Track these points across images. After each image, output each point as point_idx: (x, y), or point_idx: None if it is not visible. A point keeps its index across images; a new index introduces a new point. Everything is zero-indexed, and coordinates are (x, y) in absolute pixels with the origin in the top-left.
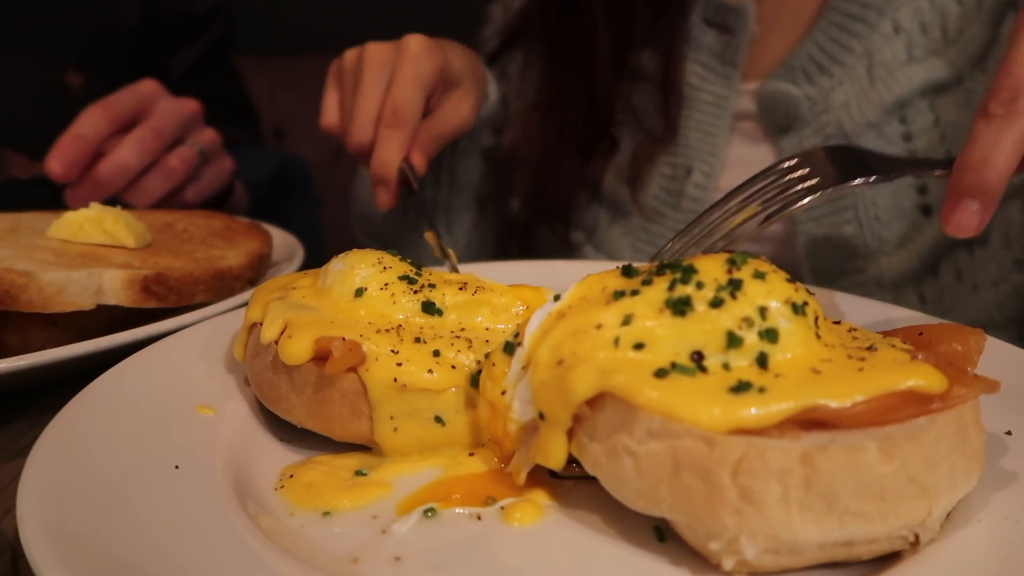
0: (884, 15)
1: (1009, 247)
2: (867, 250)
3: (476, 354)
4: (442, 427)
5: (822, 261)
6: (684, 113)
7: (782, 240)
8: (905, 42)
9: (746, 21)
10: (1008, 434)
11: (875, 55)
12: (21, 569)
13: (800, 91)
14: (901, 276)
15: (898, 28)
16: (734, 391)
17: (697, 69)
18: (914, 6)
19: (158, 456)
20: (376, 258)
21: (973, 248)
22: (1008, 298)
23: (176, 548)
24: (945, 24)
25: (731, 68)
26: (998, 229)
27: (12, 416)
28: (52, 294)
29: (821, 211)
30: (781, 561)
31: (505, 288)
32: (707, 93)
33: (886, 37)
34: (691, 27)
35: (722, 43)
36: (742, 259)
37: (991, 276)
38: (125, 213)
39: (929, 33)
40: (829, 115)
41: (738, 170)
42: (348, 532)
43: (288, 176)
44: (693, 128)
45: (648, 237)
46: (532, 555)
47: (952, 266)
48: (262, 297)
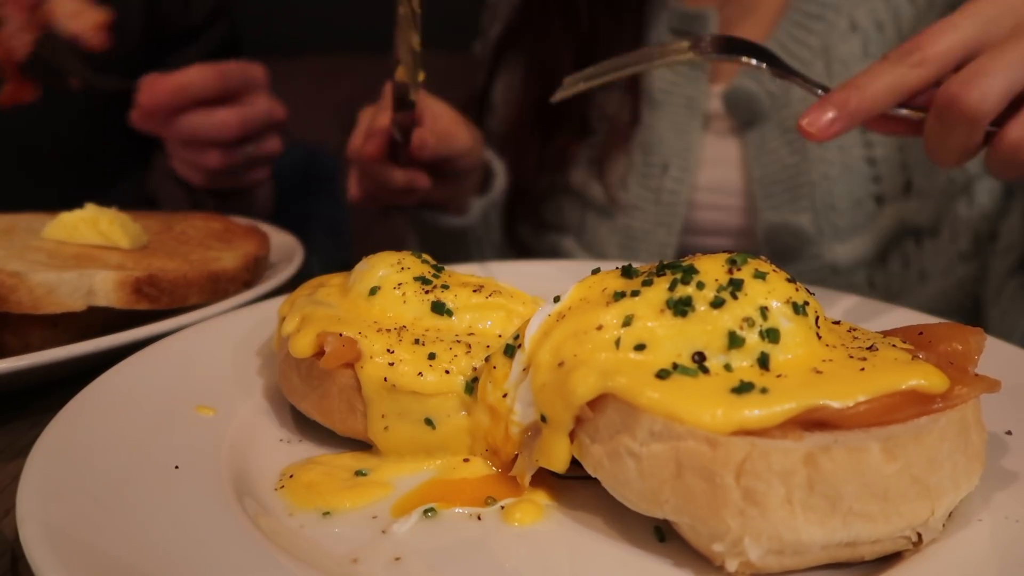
0: (841, 14)
1: (956, 241)
2: (822, 237)
3: (474, 360)
4: (432, 430)
5: (779, 247)
6: (658, 115)
7: (743, 232)
8: (861, 39)
9: (709, 27)
10: (1009, 434)
11: (832, 51)
12: (21, 569)
13: (761, 88)
14: (853, 262)
15: (855, 26)
16: (736, 392)
17: (667, 74)
18: (870, 5)
19: (158, 456)
20: (397, 259)
21: (922, 239)
22: (953, 289)
23: (176, 548)
24: (899, 22)
25: (698, 71)
26: (946, 223)
27: (12, 416)
28: (42, 295)
29: (779, 199)
30: (784, 562)
31: (527, 297)
32: (678, 96)
33: (843, 35)
34: (658, 36)
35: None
36: (743, 259)
37: (940, 267)
38: (120, 214)
39: (884, 31)
40: (789, 109)
41: (712, 166)
42: (348, 532)
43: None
44: (668, 128)
45: (633, 233)
46: (532, 556)
47: (900, 255)
48: (297, 293)
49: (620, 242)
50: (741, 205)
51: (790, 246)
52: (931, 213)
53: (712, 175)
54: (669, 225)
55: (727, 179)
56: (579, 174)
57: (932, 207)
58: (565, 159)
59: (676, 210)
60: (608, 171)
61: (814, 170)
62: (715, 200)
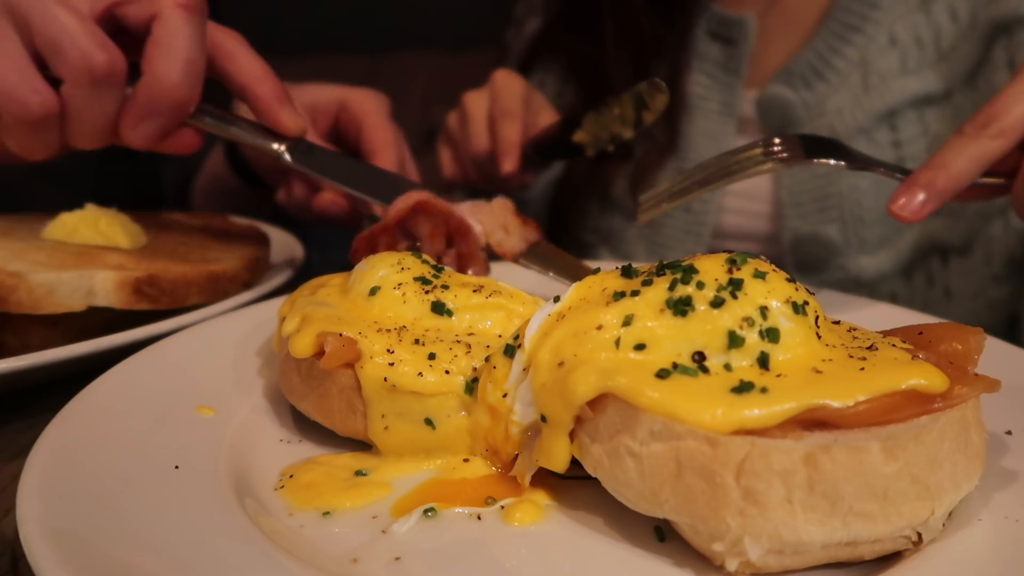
0: (881, 27)
1: (990, 263)
2: (848, 249)
3: (474, 360)
4: (433, 430)
5: (805, 257)
6: (691, 120)
7: (769, 238)
8: (900, 54)
9: (748, 33)
10: (1008, 434)
11: (870, 64)
12: (21, 569)
13: (796, 96)
14: (878, 276)
15: (894, 40)
16: (736, 391)
17: (702, 79)
18: (911, 20)
19: (158, 456)
20: (397, 259)
21: (949, 256)
22: (983, 309)
23: (176, 548)
24: (939, 40)
25: (734, 77)
26: (981, 245)
27: (12, 416)
28: (42, 295)
29: (808, 208)
30: (785, 562)
31: (527, 297)
32: (712, 101)
33: (882, 48)
34: (696, 40)
35: (726, 54)
36: (742, 259)
37: (971, 288)
38: (120, 215)
39: (923, 47)
40: (823, 119)
41: None
42: (348, 532)
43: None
44: (700, 134)
45: (660, 239)
46: (532, 555)
47: (924, 272)
48: (297, 294)
49: (648, 248)
50: (769, 212)
51: (816, 256)
52: (962, 232)
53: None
54: (698, 233)
55: (757, 185)
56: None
57: (964, 226)
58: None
59: (706, 218)
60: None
61: (844, 181)
62: (743, 205)
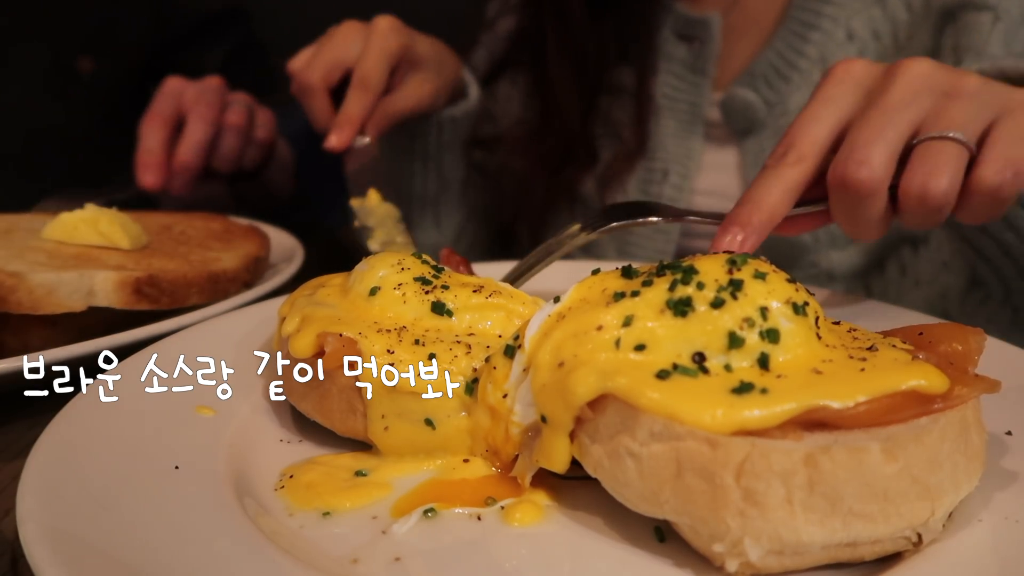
0: (838, 23)
1: (940, 249)
2: (817, 245)
3: (474, 360)
4: (432, 430)
5: (777, 255)
6: (660, 121)
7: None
8: (858, 48)
9: (713, 32)
10: (1009, 434)
11: (830, 61)
12: (21, 569)
13: (758, 97)
14: (851, 270)
15: (851, 35)
16: (736, 392)
17: (671, 80)
18: (867, 14)
19: (158, 456)
20: (397, 259)
21: (918, 245)
22: (937, 297)
23: (176, 548)
24: (896, 31)
25: (701, 77)
26: (934, 233)
27: (12, 416)
28: (42, 295)
29: None
30: (785, 563)
31: (526, 297)
32: (680, 102)
33: (840, 44)
34: (663, 41)
35: (692, 54)
36: (742, 260)
37: (927, 275)
38: (120, 215)
39: (881, 40)
40: (787, 118)
41: (711, 172)
42: (348, 532)
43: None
44: (669, 135)
45: (631, 238)
46: (533, 556)
47: (897, 262)
48: (297, 294)
49: (618, 247)
50: None
51: (786, 254)
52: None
53: (710, 180)
54: (667, 231)
55: (725, 184)
56: (584, 190)
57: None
58: (573, 189)
59: None
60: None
61: None
62: (712, 204)
